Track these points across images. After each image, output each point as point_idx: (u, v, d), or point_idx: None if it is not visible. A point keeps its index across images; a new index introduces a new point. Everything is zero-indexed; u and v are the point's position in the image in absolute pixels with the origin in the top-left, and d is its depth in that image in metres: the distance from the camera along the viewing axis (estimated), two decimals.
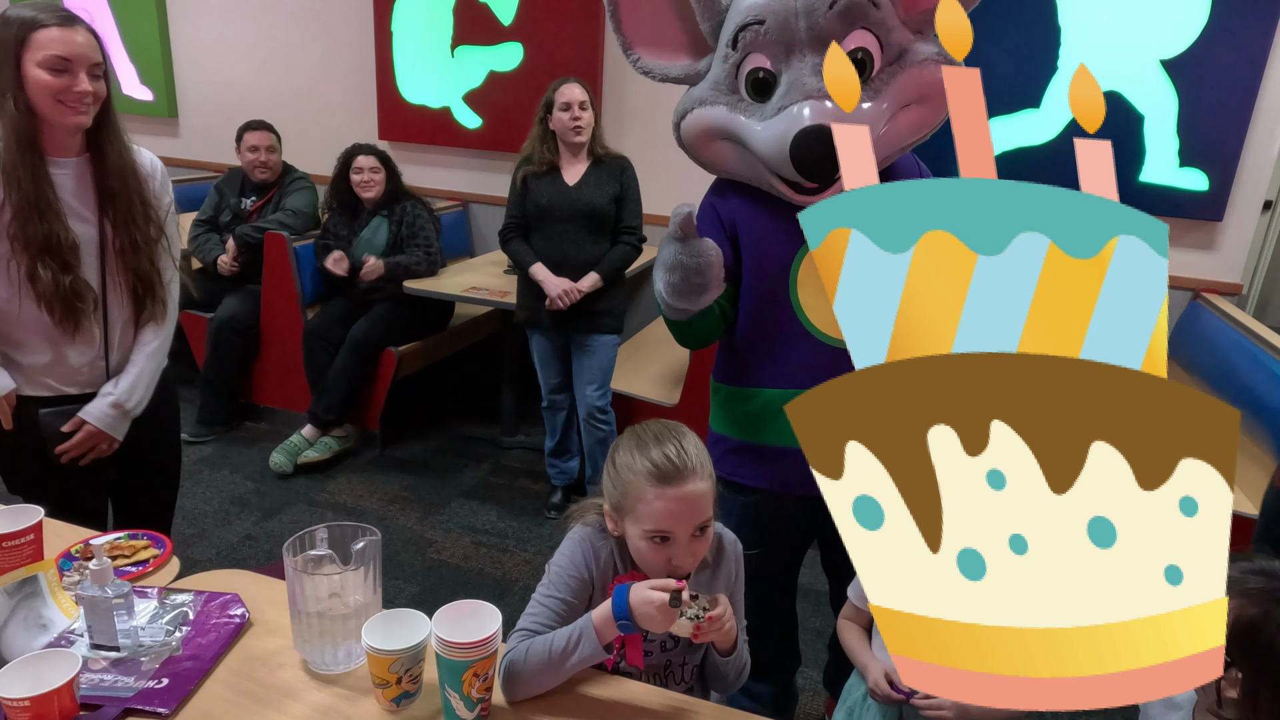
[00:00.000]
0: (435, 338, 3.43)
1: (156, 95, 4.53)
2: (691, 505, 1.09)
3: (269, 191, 3.48)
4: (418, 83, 3.95)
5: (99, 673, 1.09)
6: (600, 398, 2.77)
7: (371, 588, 1.15)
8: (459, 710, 1.04)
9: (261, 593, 1.29)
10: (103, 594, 1.10)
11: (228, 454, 3.23)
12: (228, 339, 3.32)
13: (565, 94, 2.57)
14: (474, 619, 1.06)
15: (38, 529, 1.26)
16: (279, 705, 1.08)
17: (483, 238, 4.14)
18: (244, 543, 2.68)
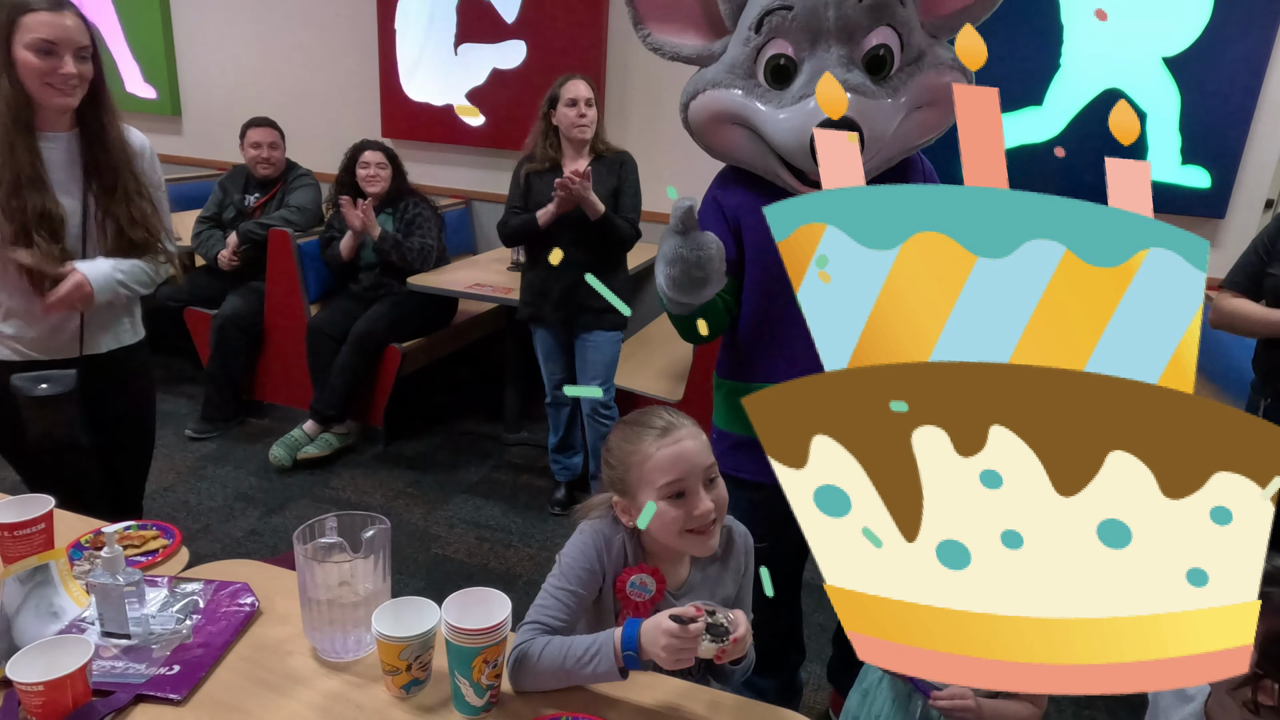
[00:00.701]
0: (438, 334, 3.44)
1: (160, 93, 4.54)
2: (693, 452, 1.13)
3: (273, 188, 3.49)
4: (421, 80, 3.96)
5: (110, 660, 1.10)
6: (604, 393, 2.77)
7: (381, 576, 1.15)
8: (469, 697, 1.05)
9: (270, 582, 1.30)
10: (114, 582, 1.11)
11: (231, 450, 3.24)
12: (231, 336, 3.33)
13: (571, 90, 2.57)
14: (483, 606, 1.07)
15: (48, 518, 1.26)
16: (290, 692, 1.09)
17: (486, 235, 4.14)
18: (249, 538, 2.68)
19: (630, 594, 1.17)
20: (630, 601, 1.17)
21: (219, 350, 3.33)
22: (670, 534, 1.14)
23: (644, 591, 1.17)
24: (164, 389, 3.69)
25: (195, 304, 3.45)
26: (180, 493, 2.91)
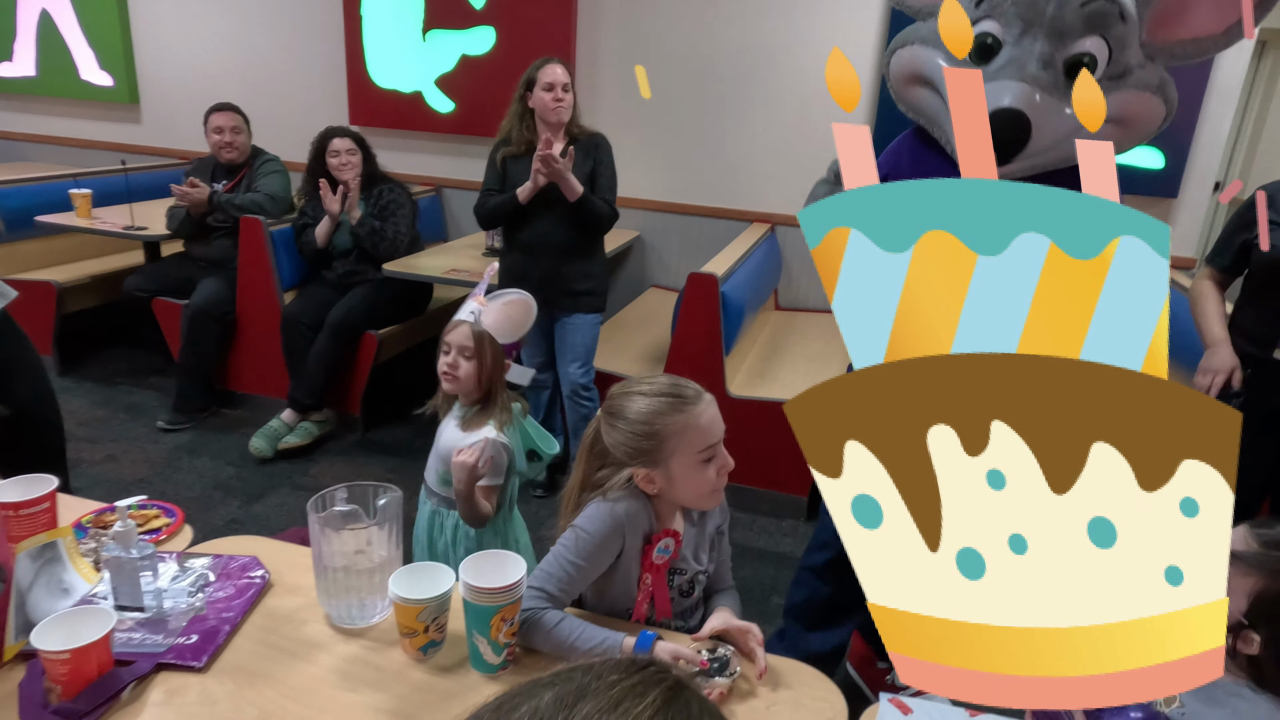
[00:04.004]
0: (414, 321, 3.44)
1: (117, 81, 4.43)
2: (717, 414, 1.21)
3: (239, 173, 3.44)
4: (389, 67, 3.94)
5: (127, 632, 1.11)
6: (584, 375, 2.80)
7: (395, 543, 1.18)
8: (486, 655, 1.08)
9: (277, 556, 1.32)
10: (128, 555, 1.12)
11: (206, 441, 3.20)
12: (203, 325, 3.29)
13: (549, 74, 2.59)
14: (498, 568, 1.10)
15: (51, 498, 1.26)
16: (308, 657, 1.11)
17: (456, 222, 4.14)
18: (229, 527, 2.66)
19: (656, 559, 1.21)
20: (654, 565, 1.21)
21: (191, 340, 3.29)
22: (697, 494, 1.21)
23: (665, 554, 1.22)
24: (132, 381, 3.63)
25: (164, 294, 3.40)
26: (156, 484, 2.88)
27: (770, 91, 3.51)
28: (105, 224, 3.40)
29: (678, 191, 3.74)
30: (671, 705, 0.42)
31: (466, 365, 1.60)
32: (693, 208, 3.75)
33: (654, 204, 3.77)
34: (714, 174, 3.66)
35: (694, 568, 1.28)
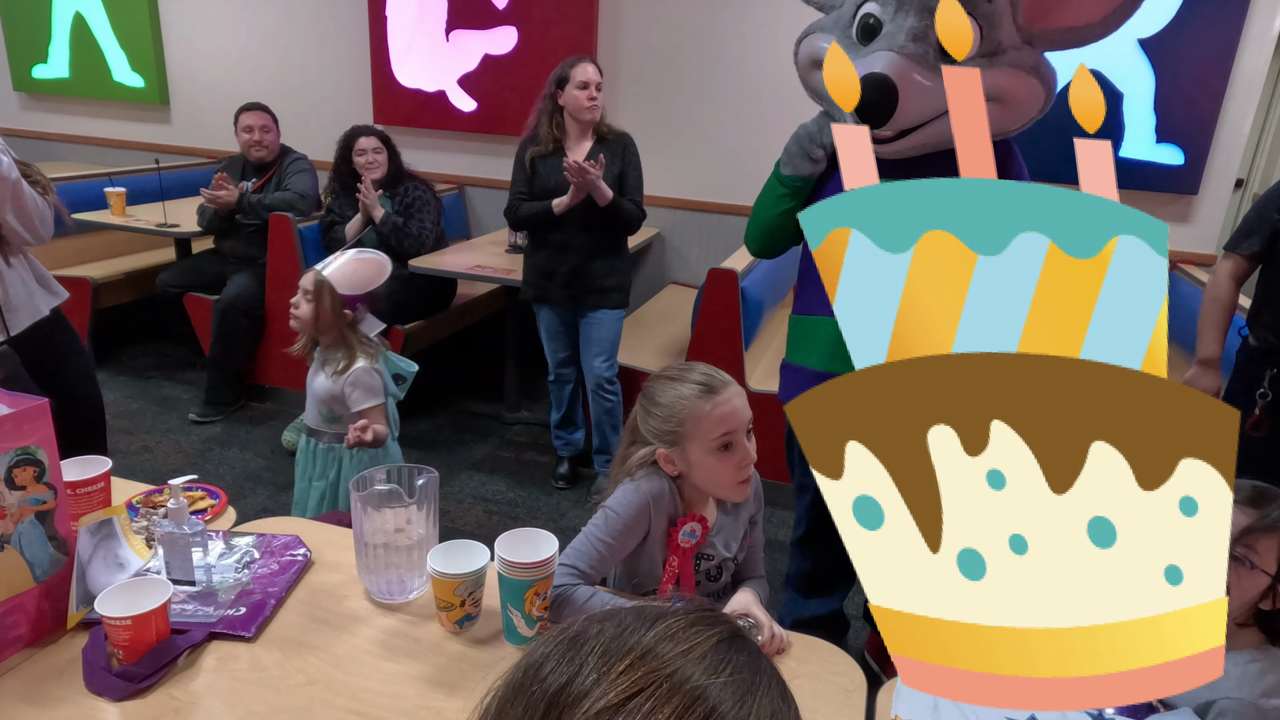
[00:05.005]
0: (439, 316, 3.50)
1: (147, 82, 4.53)
2: (741, 408, 1.24)
3: (268, 171, 3.52)
4: (412, 66, 4.00)
5: (180, 604, 1.17)
6: (608, 369, 2.85)
7: (433, 522, 1.23)
8: (520, 628, 1.13)
9: (317, 536, 1.37)
10: (180, 531, 1.18)
11: (236, 433, 3.28)
12: (233, 321, 3.37)
13: (582, 73, 2.62)
14: (531, 545, 1.15)
15: (106, 478, 1.33)
16: (350, 629, 1.16)
17: (479, 220, 4.20)
18: (261, 515, 2.72)
19: (681, 541, 1.26)
20: (679, 547, 1.26)
21: (221, 335, 3.37)
22: (717, 482, 1.24)
23: (691, 538, 1.27)
24: (164, 375, 3.72)
25: (195, 290, 3.48)
26: (189, 474, 2.94)
27: (790, 89, 3.54)
28: (139, 221, 3.49)
29: (697, 189, 3.79)
30: (734, 640, 0.48)
31: (306, 306, 1.88)
32: (712, 205, 3.79)
33: (673, 201, 3.82)
34: (733, 171, 3.70)
35: (722, 554, 1.32)
